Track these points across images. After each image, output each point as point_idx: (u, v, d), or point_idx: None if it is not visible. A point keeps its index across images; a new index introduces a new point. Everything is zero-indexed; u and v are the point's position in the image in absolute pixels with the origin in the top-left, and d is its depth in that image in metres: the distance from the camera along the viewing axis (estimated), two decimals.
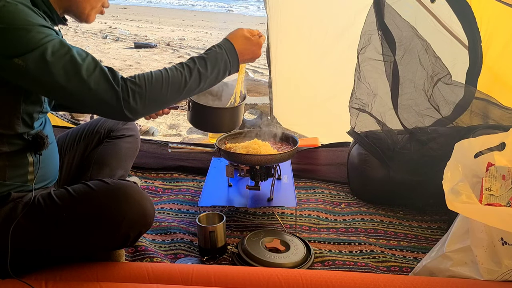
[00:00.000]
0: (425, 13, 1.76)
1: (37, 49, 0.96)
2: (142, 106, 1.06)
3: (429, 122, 1.71)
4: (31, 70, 0.97)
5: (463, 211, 1.09)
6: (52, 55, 0.97)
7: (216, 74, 1.18)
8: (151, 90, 1.07)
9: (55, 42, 0.99)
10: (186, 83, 1.12)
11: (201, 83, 1.15)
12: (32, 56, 0.96)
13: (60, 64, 0.98)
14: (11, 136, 1.08)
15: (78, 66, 1.00)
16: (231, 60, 1.20)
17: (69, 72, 0.99)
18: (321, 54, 2.39)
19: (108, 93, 1.02)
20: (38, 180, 1.16)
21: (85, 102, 1.04)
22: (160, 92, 1.08)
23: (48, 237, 1.08)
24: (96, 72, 1.02)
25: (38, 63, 0.97)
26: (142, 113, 1.09)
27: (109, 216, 1.08)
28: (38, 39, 0.97)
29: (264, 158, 1.51)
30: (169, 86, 1.09)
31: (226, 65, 1.19)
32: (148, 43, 7.63)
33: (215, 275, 1.13)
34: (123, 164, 1.58)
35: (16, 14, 0.97)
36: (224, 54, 1.19)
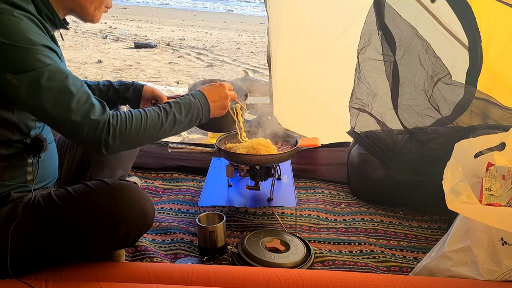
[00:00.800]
0: (425, 13, 1.76)
1: (33, 71, 0.96)
2: (119, 145, 1.08)
3: (429, 122, 1.71)
4: (22, 89, 0.96)
5: (463, 211, 1.09)
6: (47, 81, 0.97)
7: (189, 120, 1.23)
8: (129, 132, 1.09)
9: (53, 67, 0.99)
10: (162, 125, 1.15)
11: (175, 127, 1.19)
12: (27, 77, 0.96)
13: (52, 91, 0.98)
14: (9, 141, 1.07)
15: (70, 97, 1.00)
16: (203, 109, 1.26)
17: (59, 101, 0.99)
18: (321, 54, 2.39)
19: (91, 129, 1.03)
20: (38, 180, 1.16)
21: (65, 130, 1.05)
22: (137, 133, 1.11)
23: (48, 237, 1.08)
24: (85, 105, 1.02)
25: (31, 85, 0.96)
26: (116, 151, 1.10)
27: (109, 216, 1.08)
28: (37, 61, 0.97)
29: (264, 158, 1.51)
30: (146, 127, 1.12)
31: (198, 113, 1.25)
32: (148, 43, 7.63)
33: (215, 275, 1.13)
34: (123, 164, 1.58)
35: (21, 30, 0.96)
36: (198, 103, 1.25)
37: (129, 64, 5.95)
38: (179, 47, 7.63)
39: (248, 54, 7.23)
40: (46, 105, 0.98)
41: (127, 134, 1.08)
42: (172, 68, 5.84)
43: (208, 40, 8.73)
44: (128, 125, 1.08)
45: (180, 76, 5.36)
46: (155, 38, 8.59)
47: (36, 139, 1.11)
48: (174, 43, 8.05)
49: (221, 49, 7.60)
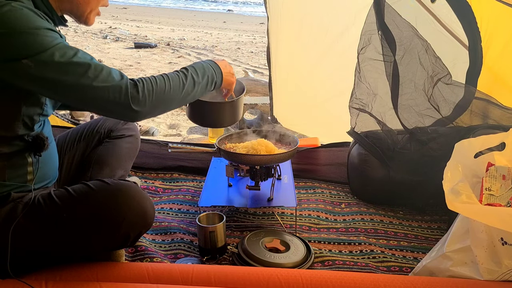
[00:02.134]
0: (426, 13, 1.76)
1: (46, 51, 0.98)
2: (149, 102, 1.11)
3: (429, 122, 1.71)
4: (40, 70, 0.98)
5: (463, 211, 1.09)
6: (61, 57, 0.99)
7: (206, 82, 1.27)
8: (157, 88, 1.12)
9: (62, 45, 1.02)
10: (184, 85, 1.19)
11: (195, 87, 1.22)
12: (41, 57, 0.98)
13: (69, 65, 1.00)
14: (11, 137, 1.08)
15: (86, 66, 1.02)
16: (216, 72, 1.31)
17: (77, 72, 1.01)
18: (321, 54, 2.39)
19: (116, 89, 1.05)
20: (38, 180, 1.16)
21: (93, 100, 1.06)
22: (164, 93, 1.14)
23: (48, 237, 1.08)
24: (103, 71, 1.05)
25: (47, 64, 0.99)
26: (148, 111, 1.12)
27: (109, 217, 1.08)
28: (47, 42, 0.99)
29: (264, 158, 1.51)
30: (171, 87, 1.15)
31: (213, 76, 1.29)
32: (148, 43, 7.63)
33: (215, 275, 1.13)
34: (123, 164, 1.59)
35: (23, 18, 0.98)
36: (210, 67, 1.29)
37: (129, 64, 5.95)
38: (179, 47, 7.63)
39: (248, 54, 7.23)
40: (67, 79, 1.00)
41: (154, 93, 1.11)
42: (172, 68, 5.84)
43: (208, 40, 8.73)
44: (153, 84, 1.12)
45: None
46: (155, 38, 8.59)
47: (37, 138, 1.11)
48: (174, 43, 8.05)
49: (221, 49, 7.61)
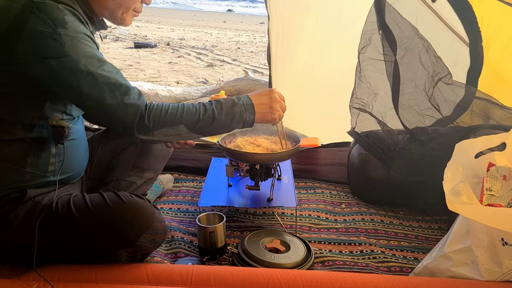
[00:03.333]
0: (426, 13, 1.76)
1: (73, 56, 1.02)
2: (152, 130, 1.10)
3: (430, 122, 1.71)
4: (62, 73, 1.02)
5: (463, 212, 1.09)
6: (86, 65, 1.03)
7: (230, 121, 1.20)
8: (164, 119, 1.11)
9: (91, 53, 1.05)
10: (198, 120, 1.15)
11: (212, 124, 1.18)
12: (68, 61, 1.02)
13: (90, 75, 1.03)
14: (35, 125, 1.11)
15: (106, 80, 1.05)
16: (247, 111, 1.22)
17: (95, 84, 1.04)
18: (321, 53, 2.39)
19: (124, 112, 1.07)
20: (60, 172, 1.18)
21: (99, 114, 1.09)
22: (172, 123, 1.12)
23: (54, 242, 1.11)
24: (121, 89, 1.07)
25: (71, 69, 1.02)
26: (149, 135, 1.12)
27: (118, 237, 1.11)
28: (78, 47, 1.03)
29: (265, 157, 1.50)
30: (182, 119, 1.13)
31: (241, 115, 1.21)
32: (148, 43, 7.63)
33: (214, 276, 1.13)
34: (153, 165, 1.59)
35: (65, 21, 1.03)
36: (241, 106, 1.21)
37: (129, 64, 5.94)
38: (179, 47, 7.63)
39: (248, 54, 7.22)
40: (83, 87, 1.03)
41: (161, 122, 1.11)
42: (172, 68, 5.84)
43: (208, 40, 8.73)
44: (163, 112, 1.11)
45: (180, 76, 5.35)
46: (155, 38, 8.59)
47: (59, 126, 1.13)
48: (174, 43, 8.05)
49: (221, 49, 7.60)
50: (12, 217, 1.10)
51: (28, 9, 1.00)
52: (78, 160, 1.27)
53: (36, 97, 1.08)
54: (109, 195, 1.15)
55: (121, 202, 1.14)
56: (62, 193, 1.18)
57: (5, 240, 1.11)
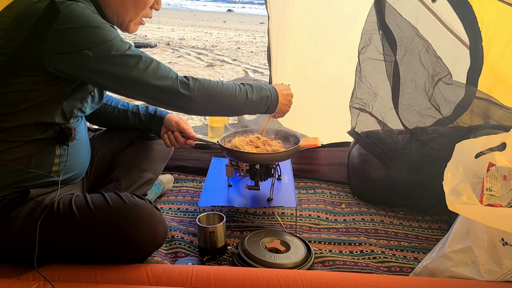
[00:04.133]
0: (426, 13, 1.76)
1: (105, 44, 1.07)
2: (198, 92, 1.19)
3: (430, 122, 1.70)
4: (98, 60, 1.07)
5: (463, 212, 1.09)
6: (117, 50, 1.09)
7: (258, 102, 1.34)
8: (207, 84, 1.22)
9: (118, 39, 1.11)
10: (235, 95, 1.27)
11: (246, 102, 1.30)
12: (100, 49, 1.07)
13: (124, 57, 1.10)
14: (46, 124, 1.12)
15: (138, 59, 1.12)
16: (273, 98, 1.37)
17: (130, 64, 1.10)
18: (322, 54, 2.39)
19: (166, 77, 1.16)
20: (63, 172, 1.19)
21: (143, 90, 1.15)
22: (215, 92, 1.23)
23: (55, 242, 1.11)
24: (153, 63, 1.15)
25: (105, 55, 1.07)
26: (196, 100, 1.19)
27: (119, 237, 1.12)
28: (106, 36, 1.08)
29: (265, 157, 1.50)
30: (222, 90, 1.25)
31: (268, 99, 1.36)
32: (148, 43, 7.63)
33: (214, 276, 1.13)
34: (153, 166, 1.60)
35: (87, 15, 1.08)
36: (268, 91, 1.37)
37: None
38: (179, 47, 7.63)
39: (248, 54, 7.22)
40: (121, 70, 1.10)
41: (205, 88, 1.21)
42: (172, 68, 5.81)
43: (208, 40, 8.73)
44: (205, 82, 1.21)
45: None
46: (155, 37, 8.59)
47: (65, 127, 1.15)
48: (174, 43, 8.05)
49: (221, 49, 7.60)
50: (13, 216, 1.11)
51: (52, 10, 1.02)
52: (80, 160, 1.27)
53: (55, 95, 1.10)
54: (110, 195, 1.16)
55: (122, 202, 1.14)
56: (63, 193, 1.19)
57: (7, 239, 1.11)
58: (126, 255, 1.15)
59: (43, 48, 1.02)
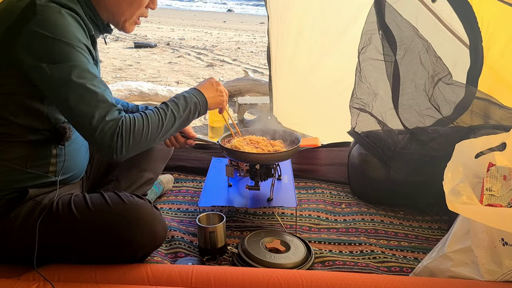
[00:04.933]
0: (426, 13, 1.76)
1: (66, 64, 1.01)
2: (125, 149, 1.08)
3: (430, 122, 1.71)
4: (53, 80, 1.01)
5: (463, 212, 1.09)
6: (77, 77, 1.01)
7: (188, 114, 1.23)
8: (134, 135, 1.08)
9: (84, 65, 1.03)
10: (163, 124, 1.16)
11: (175, 123, 1.20)
12: (60, 69, 1.00)
13: (79, 87, 1.02)
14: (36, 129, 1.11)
15: (93, 96, 1.03)
16: (200, 101, 1.28)
17: (82, 97, 1.02)
18: (322, 54, 2.39)
19: (104, 131, 1.04)
20: (61, 172, 1.19)
21: (82, 128, 1.06)
22: (141, 136, 1.10)
23: (54, 242, 1.11)
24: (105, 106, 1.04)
25: (62, 77, 1.01)
26: (125, 156, 1.10)
27: (118, 237, 1.11)
28: (72, 56, 1.02)
29: (265, 157, 1.50)
30: (149, 128, 1.12)
31: (196, 106, 1.26)
32: (148, 43, 7.63)
33: (214, 276, 1.13)
34: (153, 166, 1.59)
35: (64, 27, 1.02)
36: (193, 97, 1.26)
37: (128, 64, 5.95)
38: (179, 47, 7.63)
39: (248, 54, 7.22)
40: (70, 99, 1.02)
41: (131, 138, 1.08)
42: (172, 68, 5.84)
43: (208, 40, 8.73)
44: (132, 128, 1.09)
45: (180, 76, 5.35)
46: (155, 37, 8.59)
47: (60, 127, 1.13)
48: (174, 43, 8.05)
49: (221, 49, 7.60)
50: (13, 216, 1.10)
51: (30, 10, 0.99)
52: (79, 160, 1.27)
53: (36, 99, 1.08)
54: (109, 195, 1.15)
55: (121, 202, 1.14)
56: (63, 193, 1.19)
57: (6, 240, 1.11)
58: (125, 255, 1.15)
59: (15, 48, 1.00)
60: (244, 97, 3.91)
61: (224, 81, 4.24)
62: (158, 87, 3.92)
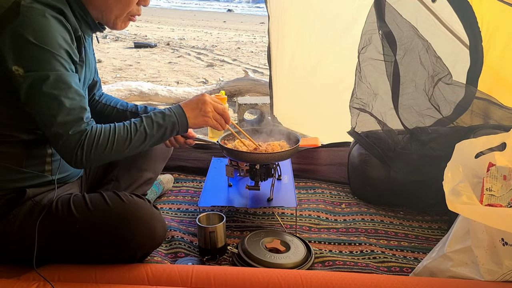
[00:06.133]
0: (426, 13, 1.76)
1: (40, 73, 0.99)
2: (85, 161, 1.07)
3: (430, 122, 1.70)
4: (24, 86, 0.99)
5: (463, 212, 1.09)
6: (48, 87, 0.99)
7: (162, 134, 1.19)
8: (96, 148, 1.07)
9: (59, 75, 1.01)
10: (131, 141, 1.13)
11: (145, 142, 1.16)
12: (33, 77, 0.99)
13: (48, 98, 1.00)
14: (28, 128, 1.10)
15: (61, 109, 1.01)
16: (179, 121, 1.21)
17: (49, 109, 1.01)
18: (322, 54, 2.39)
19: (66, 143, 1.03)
20: (57, 171, 1.18)
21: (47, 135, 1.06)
22: (103, 150, 1.09)
23: (54, 242, 1.11)
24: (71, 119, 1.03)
25: (32, 85, 0.99)
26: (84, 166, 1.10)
27: (117, 237, 1.11)
28: (49, 65, 0.99)
29: (265, 156, 1.50)
30: (114, 144, 1.10)
31: (173, 126, 1.21)
32: (148, 43, 7.63)
33: (214, 276, 1.13)
34: (152, 165, 1.59)
35: (46, 31, 0.99)
36: (173, 116, 1.21)
37: (128, 64, 5.95)
38: (179, 47, 7.63)
39: (248, 54, 7.23)
40: (38, 107, 1.01)
41: (93, 151, 1.07)
42: (172, 68, 5.84)
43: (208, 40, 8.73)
44: (95, 141, 1.07)
45: (180, 76, 5.35)
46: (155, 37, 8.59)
47: None
48: (174, 43, 8.05)
49: (221, 49, 7.60)
50: (12, 217, 1.10)
51: (14, 11, 0.98)
52: None
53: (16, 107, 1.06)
54: (108, 195, 1.15)
55: (121, 202, 1.14)
56: (61, 193, 1.18)
57: (5, 240, 1.11)
58: (125, 255, 1.15)
59: None
60: (244, 97, 3.91)
61: (224, 81, 4.24)
62: (158, 87, 3.92)
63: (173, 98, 3.87)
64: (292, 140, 1.66)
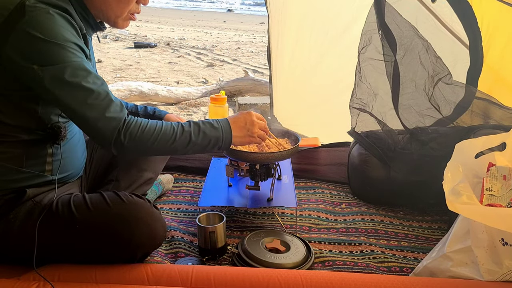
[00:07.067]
0: (426, 13, 1.76)
1: (58, 65, 1.00)
2: (127, 147, 1.09)
3: (430, 122, 1.71)
4: (45, 81, 1.00)
5: (463, 212, 1.09)
6: (70, 76, 1.01)
7: (206, 145, 1.21)
8: (140, 137, 1.10)
9: (77, 63, 1.03)
10: (174, 141, 1.15)
11: (188, 146, 1.18)
12: (52, 70, 1.00)
13: (72, 86, 1.02)
14: (29, 128, 1.11)
15: (88, 93, 1.04)
16: (224, 137, 1.23)
17: (77, 96, 1.03)
18: (322, 54, 2.39)
19: (105, 126, 1.06)
20: (58, 171, 1.18)
21: (82, 124, 1.08)
22: (147, 141, 1.11)
23: (54, 242, 1.11)
24: (103, 102, 1.06)
25: (54, 78, 1.01)
26: (125, 152, 1.11)
27: (117, 237, 1.11)
28: (64, 56, 1.01)
29: (265, 156, 1.50)
30: (158, 138, 1.12)
31: (217, 140, 1.22)
32: (148, 43, 7.64)
33: (214, 276, 1.13)
34: (152, 166, 1.59)
35: (53, 27, 1.01)
36: (220, 131, 1.22)
37: (128, 64, 5.95)
38: (179, 47, 7.63)
39: (248, 54, 7.23)
40: (65, 98, 1.03)
41: (137, 139, 1.09)
42: (172, 68, 5.84)
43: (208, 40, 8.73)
44: (140, 130, 1.10)
45: (180, 76, 5.35)
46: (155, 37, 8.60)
47: (54, 126, 1.13)
48: (174, 43, 8.05)
49: (221, 49, 7.61)
50: (12, 217, 1.10)
51: (19, 11, 0.98)
52: (75, 159, 1.27)
53: (28, 100, 1.07)
54: (108, 195, 1.15)
55: (121, 201, 1.14)
56: (62, 193, 1.18)
57: (5, 240, 1.11)
58: (125, 255, 1.15)
59: (5, 48, 0.99)
60: (244, 97, 3.91)
61: (224, 81, 4.24)
62: (158, 87, 3.92)
63: (173, 98, 3.88)
64: (292, 140, 1.66)
